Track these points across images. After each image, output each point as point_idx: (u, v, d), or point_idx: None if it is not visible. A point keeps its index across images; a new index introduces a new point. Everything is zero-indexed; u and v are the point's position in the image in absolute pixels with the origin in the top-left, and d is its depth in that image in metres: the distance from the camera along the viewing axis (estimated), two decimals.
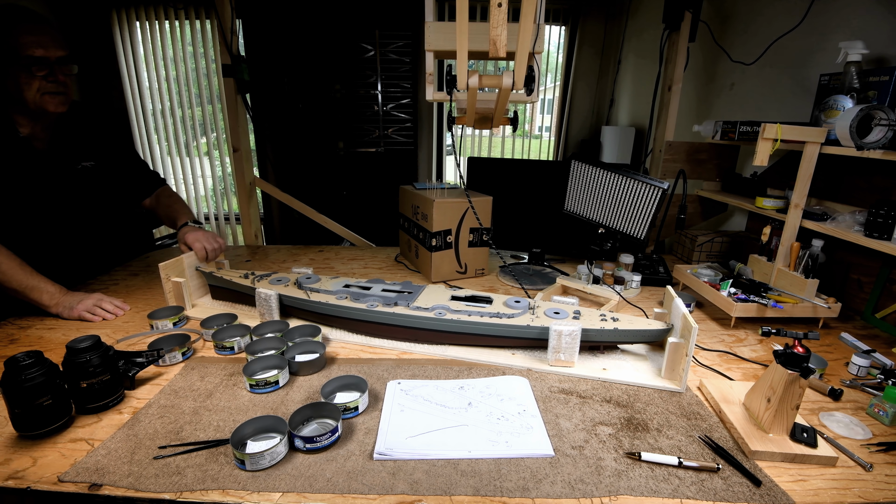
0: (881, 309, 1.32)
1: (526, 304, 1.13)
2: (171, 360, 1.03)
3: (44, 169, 1.27)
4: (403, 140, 3.45)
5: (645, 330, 1.05)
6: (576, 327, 1.01)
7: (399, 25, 3.20)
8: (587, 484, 0.71)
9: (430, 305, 1.13)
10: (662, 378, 1.00)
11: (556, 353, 1.03)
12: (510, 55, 0.97)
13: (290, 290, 1.22)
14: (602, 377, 1.01)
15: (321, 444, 0.76)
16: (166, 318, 1.18)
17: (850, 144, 1.16)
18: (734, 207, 1.98)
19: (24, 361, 0.76)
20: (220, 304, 1.34)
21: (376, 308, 1.12)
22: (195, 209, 3.85)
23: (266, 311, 1.20)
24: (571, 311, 1.11)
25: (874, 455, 0.80)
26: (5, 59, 1.15)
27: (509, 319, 1.07)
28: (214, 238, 1.40)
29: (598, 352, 1.11)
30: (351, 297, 1.17)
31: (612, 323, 1.06)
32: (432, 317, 1.09)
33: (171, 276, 1.26)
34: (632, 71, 3.23)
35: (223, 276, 1.30)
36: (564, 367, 1.04)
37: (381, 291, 1.20)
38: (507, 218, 1.71)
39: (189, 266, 1.32)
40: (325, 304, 1.16)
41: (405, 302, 1.14)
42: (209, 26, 3.43)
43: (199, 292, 1.37)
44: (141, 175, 1.58)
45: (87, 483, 0.69)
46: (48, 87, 1.19)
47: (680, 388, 0.97)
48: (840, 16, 1.56)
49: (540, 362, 1.06)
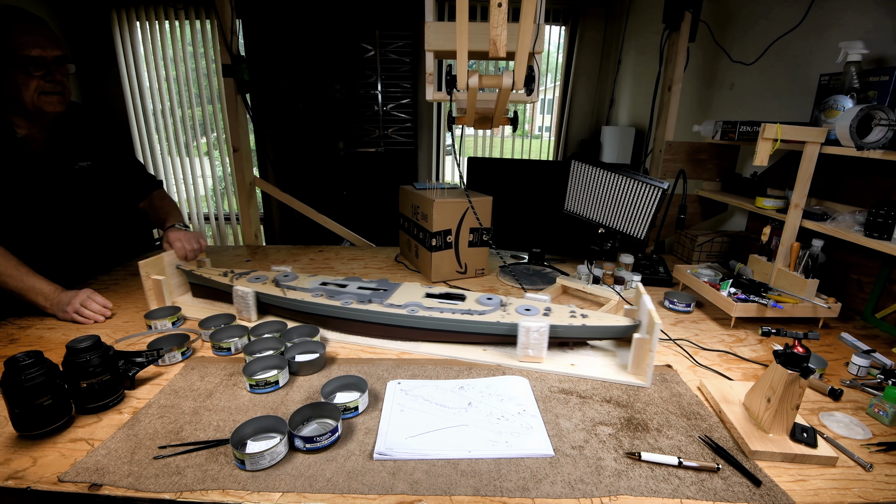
0: (881, 309, 1.32)
1: (498, 301, 1.14)
2: (170, 359, 1.03)
3: (41, 169, 1.28)
4: (403, 140, 3.45)
5: (612, 326, 1.07)
6: (544, 323, 1.03)
7: (399, 25, 3.20)
8: (587, 484, 0.71)
9: (404, 303, 1.14)
10: (629, 373, 1.02)
11: (525, 349, 1.05)
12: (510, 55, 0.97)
13: (268, 287, 1.22)
14: (570, 372, 1.02)
15: (321, 444, 0.76)
16: (164, 317, 1.18)
17: (850, 144, 1.16)
18: (734, 207, 1.98)
19: (24, 361, 0.76)
20: (200, 301, 1.34)
21: (350, 305, 1.13)
22: (195, 209, 3.85)
23: (243, 309, 1.20)
24: (542, 308, 1.12)
25: (874, 455, 0.80)
26: (2, 60, 1.15)
27: (480, 316, 1.08)
28: (196, 239, 1.40)
29: (568, 348, 1.13)
30: (327, 295, 1.18)
31: (580, 319, 1.08)
32: (405, 314, 1.10)
33: (150, 274, 1.25)
34: (632, 71, 3.23)
35: (202, 274, 1.30)
36: (533, 362, 1.05)
37: (356, 289, 1.20)
38: (507, 218, 1.71)
39: (169, 264, 1.32)
40: (301, 301, 1.16)
41: (379, 299, 1.15)
42: (209, 26, 3.43)
43: (180, 290, 1.36)
44: (137, 177, 1.58)
45: (87, 483, 0.69)
46: (46, 87, 1.19)
47: (645, 383, 0.99)
48: (840, 16, 1.56)
49: (510, 358, 1.07)
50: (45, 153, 1.29)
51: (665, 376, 1.02)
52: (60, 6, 3.23)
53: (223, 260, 1.81)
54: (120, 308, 1.30)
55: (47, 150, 1.30)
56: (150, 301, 1.26)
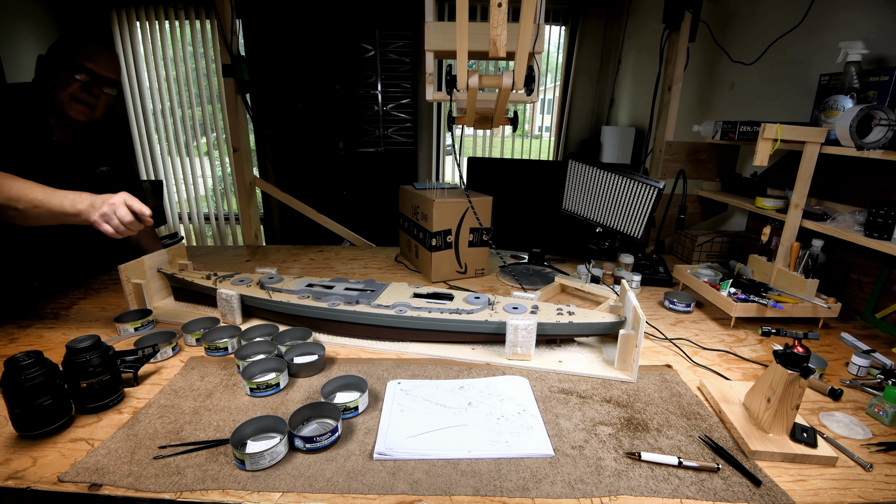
0: (881, 309, 1.32)
1: (485, 301, 1.14)
2: (162, 356, 1.04)
3: (67, 169, 1.30)
4: (403, 140, 3.45)
5: (598, 323, 1.07)
6: (531, 321, 1.03)
7: (399, 25, 3.20)
8: (587, 484, 0.71)
9: (392, 303, 1.13)
10: (615, 369, 1.03)
11: (514, 347, 1.05)
12: (510, 55, 0.97)
13: (253, 290, 1.21)
14: (558, 369, 1.03)
15: (321, 444, 0.76)
16: (135, 321, 1.15)
17: (850, 144, 1.16)
18: (734, 207, 1.98)
19: (24, 361, 0.76)
20: (182, 305, 1.32)
21: (337, 307, 1.12)
22: (195, 209, 3.85)
23: (228, 312, 1.19)
24: (529, 307, 1.12)
25: (874, 455, 0.80)
26: (58, 61, 1.20)
27: (468, 315, 1.08)
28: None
29: (555, 345, 1.13)
30: (313, 297, 1.17)
31: (567, 317, 1.08)
32: (393, 314, 1.10)
33: (131, 278, 1.22)
34: (632, 71, 3.23)
35: (185, 278, 1.28)
36: (521, 360, 1.06)
37: (343, 290, 1.20)
38: (507, 218, 1.71)
39: (150, 267, 1.29)
40: (287, 303, 1.15)
41: (367, 300, 1.14)
42: (209, 26, 3.43)
43: (161, 294, 1.33)
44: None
45: (87, 483, 0.69)
46: (81, 96, 1.23)
47: (631, 378, 0.99)
48: (840, 16, 1.56)
49: (498, 356, 1.08)
50: (72, 154, 1.33)
51: (665, 376, 1.02)
52: (60, 6, 3.23)
53: (223, 260, 1.81)
54: (121, 308, 1.31)
55: (73, 152, 1.34)
56: (130, 306, 1.23)
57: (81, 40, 1.23)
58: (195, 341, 1.11)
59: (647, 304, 1.44)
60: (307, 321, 1.16)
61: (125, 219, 1.04)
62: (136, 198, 1.07)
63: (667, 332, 1.25)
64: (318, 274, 1.66)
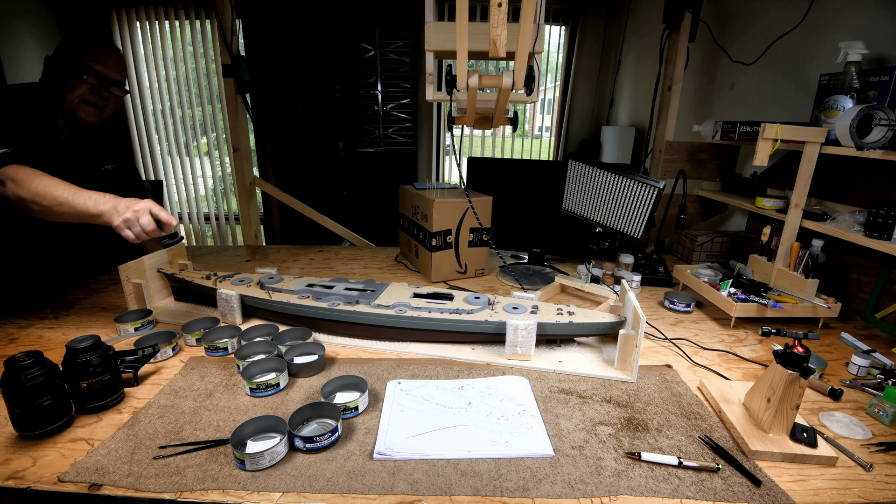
0: (881, 309, 1.32)
1: (485, 301, 1.14)
2: (162, 356, 1.04)
3: (75, 167, 1.31)
4: (403, 140, 3.45)
5: (598, 323, 1.07)
6: (531, 321, 1.04)
7: (399, 25, 3.20)
8: (587, 484, 0.71)
9: (392, 303, 1.13)
10: (615, 369, 1.03)
11: (514, 347, 1.05)
12: (510, 55, 0.97)
13: (253, 290, 1.21)
14: (558, 369, 1.03)
15: (321, 444, 0.76)
16: (135, 321, 1.15)
17: (850, 144, 1.16)
18: (734, 207, 1.98)
19: (24, 361, 0.76)
20: (182, 305, 1.32)
21: (338, 307, 1.12)
22: (195, 209, 3.85)
23: (228, 312, 1.19)
24: (529, 307, 1.12)
25: (874, 455, 0.80)
26: (66, 62, 1.21)
27: (469, 315, 1.08)
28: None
29: (555, 345, 1.13)
30: (313, 297, 1.17)
31: (567, 316, 1.08)
32: (393, 314, 1.09)
33: (131, 278, 1.22)
34: (632, 71, 3.23)
35: (185, 278, 1.28)
36: (521, 360, 1.06)
37: (343, 290, 1.19)
38: (507, 218, 1.71)
39: (150, 267, 1.28)
40: (287, 303, 1.15)
41: (367, 300, 1.14)
42: (209, 26, 3.43)
43: (161, 294, 1.33)
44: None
45: (87, 483, 0.69)
46: (89, 97, 1.24)
47: (631, 378, 0.99)
48: (840, 16, 1.56)
49: (499, 356, 1.08)
50: (78, 153, 1.34)
51: (665, 376, 1.02)
52: (60, 6, 3.23)
53: (223, 260, 1.81)
54: (121, 308, 1.30)
55: (80, 151, 1.35)
56: (130, 306, 1.24)
57: (88, 41, 1.23)
58: (195, 341, 1.11)
59: (646, 304, 1.44)
60: (307, 321, 1.16)
61: (148, 227, 1.05)
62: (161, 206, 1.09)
63: (667, 332, 1.25)
64: (318, 274, 1.66)
